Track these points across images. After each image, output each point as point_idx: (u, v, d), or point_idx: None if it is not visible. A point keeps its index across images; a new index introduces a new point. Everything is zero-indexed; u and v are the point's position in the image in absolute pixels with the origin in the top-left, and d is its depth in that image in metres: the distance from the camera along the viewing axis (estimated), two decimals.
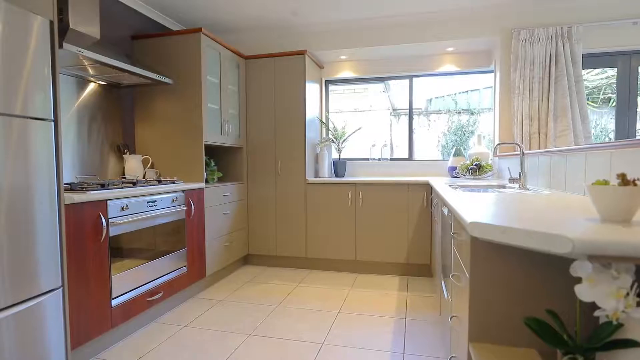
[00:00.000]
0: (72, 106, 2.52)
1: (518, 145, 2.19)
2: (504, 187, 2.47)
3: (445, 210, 1.82)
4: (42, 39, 1.62)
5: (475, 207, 1.22)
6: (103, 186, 2.08)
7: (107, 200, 1.98)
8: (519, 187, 2.17)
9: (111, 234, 2.02)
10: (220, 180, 3.58)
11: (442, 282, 2.00)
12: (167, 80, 2.72)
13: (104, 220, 1.95)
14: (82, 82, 2.59)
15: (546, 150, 2.04)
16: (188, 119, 2.94)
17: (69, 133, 2.50)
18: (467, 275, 1.10)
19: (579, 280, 0.88)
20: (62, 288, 1.70)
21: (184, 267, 2.67)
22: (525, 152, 2.27)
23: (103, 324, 1.97)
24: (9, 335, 1.47)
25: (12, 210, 1.48)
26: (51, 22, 1.66)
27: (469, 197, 1.56)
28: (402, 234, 3.29)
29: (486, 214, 1.05)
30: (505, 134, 3.29)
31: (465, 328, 1.12)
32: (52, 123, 1.66)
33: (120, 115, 2.91)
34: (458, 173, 3.37)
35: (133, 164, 2.85)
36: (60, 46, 1.90)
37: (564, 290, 0.98)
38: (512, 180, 2.22)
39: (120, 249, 2.09)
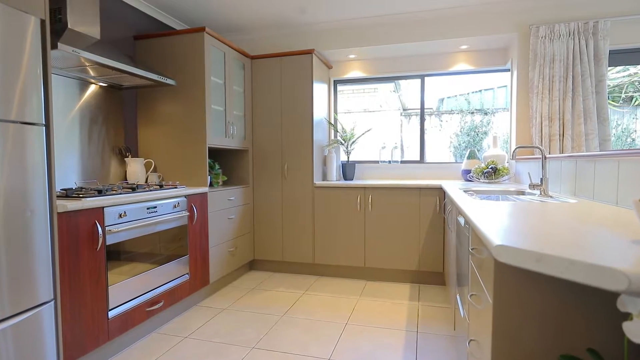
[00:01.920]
0: (73, 109, 2.45)
1: (539, 149, 2.04)
2: (523, 193, 2.32)
3: (462, 220, 1.68)
4: (33, 39, 1.53)
5: (496, 220, 1.09)
6: (100, 192, 2.00)
7: (103, 207, 1.90)
8: (541, 193, 2.02)
9: (108, 242, 1.93)
10: (225, 183, 3.49)
11: (457, 296, 1.86)
12: (169, 81, 2.64)
13: (99, 229, 1.86)
14: (84, 84, 2.52)
15: (571, 154, 1.89)
16: (191, 121, 2.86)
17: (70, 136, 2.43)
18: (490, 301, 0.97)
19: (627, 315, 0.74)
20: (54, 301, 1.62)
21: (186, 275, 2.57)
22: (547, 155, 2.11)
23: (99, 336, 1.88)
24: None
25: (2, 220, 1.40)
26: (42, 21, 1.58)
27: (487, 206, 1.43)
28: (413, 240, 3.15)
29: (511, 231, 0.92)
30: (523, 136, 3.13)
31: (487, 359, 1.00)
32: (44, 127, 1.58)
33: (122, 118, 2.84)
34: (472, 177, 3.22)
35: (135, 168, 2.77)
36: (55, 46, 1.81)
37: (607, 323, 0.85)
38: (532, 186, 2.08)
39: (118, 258, 2.01)
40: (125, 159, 2.80)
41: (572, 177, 1.92)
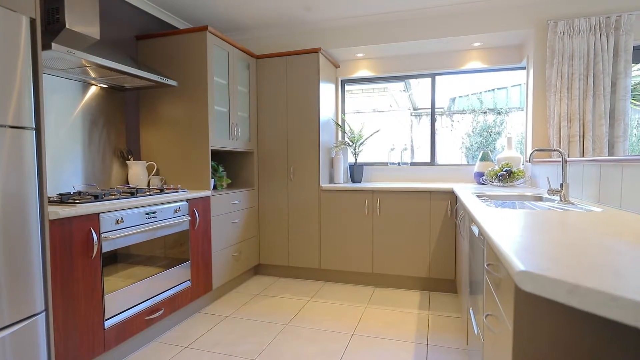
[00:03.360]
0: (74, 111, 2.40)
1: (559, 151, 1.90)
2: (541, 198, 2.18)
3: (475, 230, 1.57)
4: (25, 40, 1.47)
5: (515, 235, 0.98)
6: (97, 197, 1.93)
7: (99, 213, 1.83)
8: (561, 199, 1.89)
9: (104, 250, 1.86)
10: (229, 186, 3.41)
11: (470, 310, 1.74)
12: (170, 82, 2.56)
13: (95, 236, 1.80)
14: (85, 86, 2.47)
15: (594, 158, 1.75)
16: (194, 122, 2.78)
17: (71, 139, 2.37)
18: (510, 328, 0.86)
19: None
20: (45, 312, 1.55)
21: (188, 281, 2.50)
22: (567, 159, 1.98)
23: (94, 348, 1.81)
24: None
25: None
26: (32, 20, 1.51)
27: (504, 216, 1.31)
28: (423, 245, 3.03)
29: (535, 250, 0.81)
30: (539, 137, 2.98)
31: None
32: (34, 131, 1.51)
33: (124, 119, 2.78)
34: (486, 180, 3.08)
35: (137, 171, 2.71)
36: (49, 47, 1.75)
37: None
38: (551, 191, 1.94)
39: (116, 265, 1.94)
40: (127, 161, 2.74)
41: (595, 182, 1.78)
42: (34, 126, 1.52)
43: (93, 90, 2.53)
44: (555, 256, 0.77)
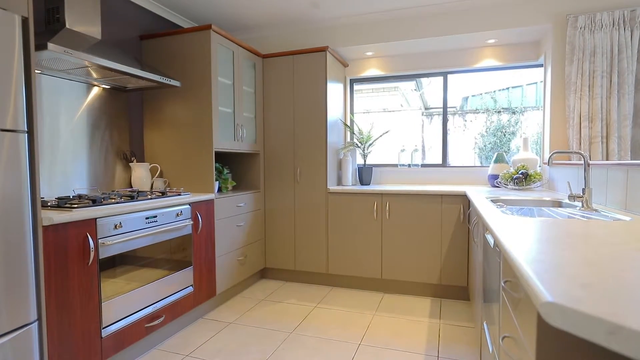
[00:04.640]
0: (76, 112, 2.35)
1: (581, 154, 1.77)
2: (560, 204, 2.05)
3: (490, 240, 1.45)
4: (17, 39, 1.41)
5: (537, 251, 0.87)
6: (95, 202, 1.88)
7: (96, 218, 1.77)
8: (583, 205, 1.76)
9: (101, 256, 1.80)
10: (234, 189, 3.34)
11: (485, 324, 1.63)
12: (173, 82, 2.50)
13: (91, 242, 1.74)
14: (87, 87, 2.42)
15: (620, 162, 1.62)
16: (198, 124, 2.72)
17: (73, 141, 2.33)
18: (533, 358, 0.76)
19: None
20: (37, 322, 1.50)
21: (190, 287, 2.44)
22: (590, 162, 1.84)
23: (91, 357, 1.76)
24: None
25: None
26: (24, 20, 1.45)
27: (522, 226, 1.19)
28: (434, 251, 2.91)
29: (563, 273, 0.70)
30: (558, 138, 2.83)
31: None
32: (26, 135, 1.46)
33: (127, 121, 2.73)
34: (500, 182, 2.94)
35: (140, 173, 2.66)
36: (45, 47, 1.70)
37: None
38: (572, 197, 1.81)
39: (114, 271, 1.88)
40: (130, 163, 2.69)
41: (621, 188, 1.65)
42: (26, 129, 1.46)
43: (96, 91, 2.49)
44: (587, 280, 0.66)
